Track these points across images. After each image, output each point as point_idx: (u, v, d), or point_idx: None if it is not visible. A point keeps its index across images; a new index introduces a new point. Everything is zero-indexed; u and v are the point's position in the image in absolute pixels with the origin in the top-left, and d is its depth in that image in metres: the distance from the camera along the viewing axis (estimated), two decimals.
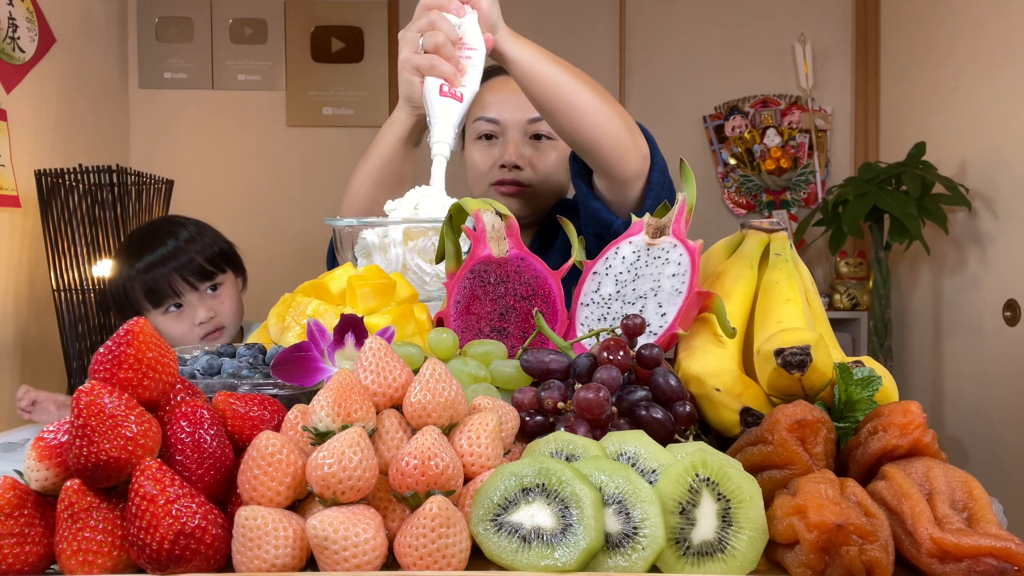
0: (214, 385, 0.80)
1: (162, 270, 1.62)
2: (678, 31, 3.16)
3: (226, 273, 1.70)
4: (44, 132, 2.27)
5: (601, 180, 1.25)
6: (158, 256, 1.63)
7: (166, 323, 1.64)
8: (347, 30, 3.12)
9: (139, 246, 1.67)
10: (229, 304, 1.69)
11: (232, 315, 1.69)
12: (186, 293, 1.64)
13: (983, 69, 2.38)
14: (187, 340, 1.62)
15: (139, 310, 1.65)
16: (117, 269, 1.68)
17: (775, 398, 0.75)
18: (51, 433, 0.62)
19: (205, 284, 1.66)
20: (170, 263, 1.63)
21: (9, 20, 2.10)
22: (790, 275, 0.87)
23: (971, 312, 2.46)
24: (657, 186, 1.24)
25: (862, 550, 0.56)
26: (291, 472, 0.60)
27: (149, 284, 1.62)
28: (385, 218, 1.06)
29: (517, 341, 0.90)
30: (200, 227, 1.72)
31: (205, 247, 1.67)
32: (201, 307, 1.64)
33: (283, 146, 3.12)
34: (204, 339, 1.65)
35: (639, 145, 1.21)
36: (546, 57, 1.16)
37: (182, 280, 1.63)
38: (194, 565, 0.57)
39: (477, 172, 1.54)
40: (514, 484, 0.60)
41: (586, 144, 1.18)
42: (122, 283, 1.66)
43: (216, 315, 1.66)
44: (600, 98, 1.17)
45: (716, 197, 3.19)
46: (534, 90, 1.16)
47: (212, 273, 1.67)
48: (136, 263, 1.64)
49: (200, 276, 1.65)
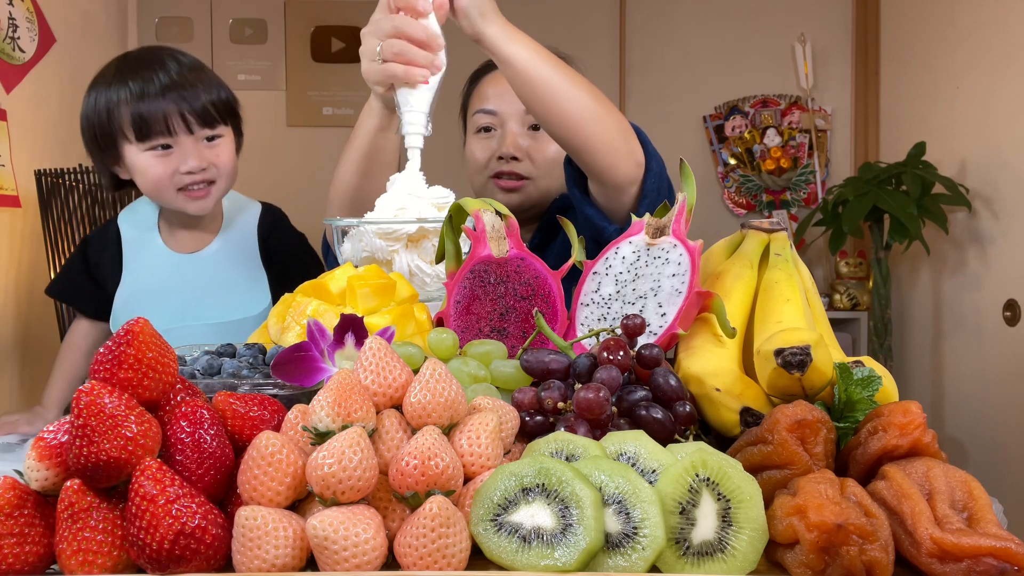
0: (214, 385, 0.80)
1: (160, 102, 1.37)
2: (678, 31, 3.16)
3: (227, 127, 1.46)
4: (44, 132, 2.27)
5: (594, 185, 1.24)
6: (158, 85, 1.37)
7: (147, 161, 1.39)
8: (347, 30, 3.12)
9: (135, 66, 1.41)
10: (226, 157, 1.44)
11: (227, 171, 1.45)
12: (179, 134, 1.38)
13: (983, 69, 2.38)
14: (163, 185, 1.40)
15: (117, 143, 1.40)
16: (102, 92, 1.41)
17: (775, 398, 0.75)
18: (51, 433, 0.62)
19: (204, 131, 1.41)
20: (169, 95, 1.37)
21: (9, 20, 2.10)
22: (790, 275, 0.87)
23: (971, 312, 2.46)
24: (652, 193, 1.21)
25: (862, 550, 0.56)
26: (291, 472, 0.60)
27: (142, 112, 1.36)
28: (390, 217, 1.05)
29: (517, 341, 0.90)
30: (205, 67, 1.47)
31: (211, 88, 1.43)
32: (193, 155, 1.39)
33: (283, 146, 3.12)
34: (186, 191, 1.42)
35: (633, 151, 1.18)
36: (541, 57, 1.12)
37: (180, 118, 1.38)
38: (194, 565, 0.57)
39: (476, 165, 1.54)
40: (514, 484, 0.60)
41: (579, 148, 1.16)
42: (107, 107, 1.39)
43: (208, 168, 1.41)
44: (595, 102, 1.14)
45: (716, 197, 3.19)
46: (527, 92, 1.13)
47: (214, 121, 1.42)
48: (129, 84, 1.38)
49: (201, 120, 1.40)
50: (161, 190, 1.42)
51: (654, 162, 1.22)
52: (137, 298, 1.49)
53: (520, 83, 1.12)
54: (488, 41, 1.10)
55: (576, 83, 1.14)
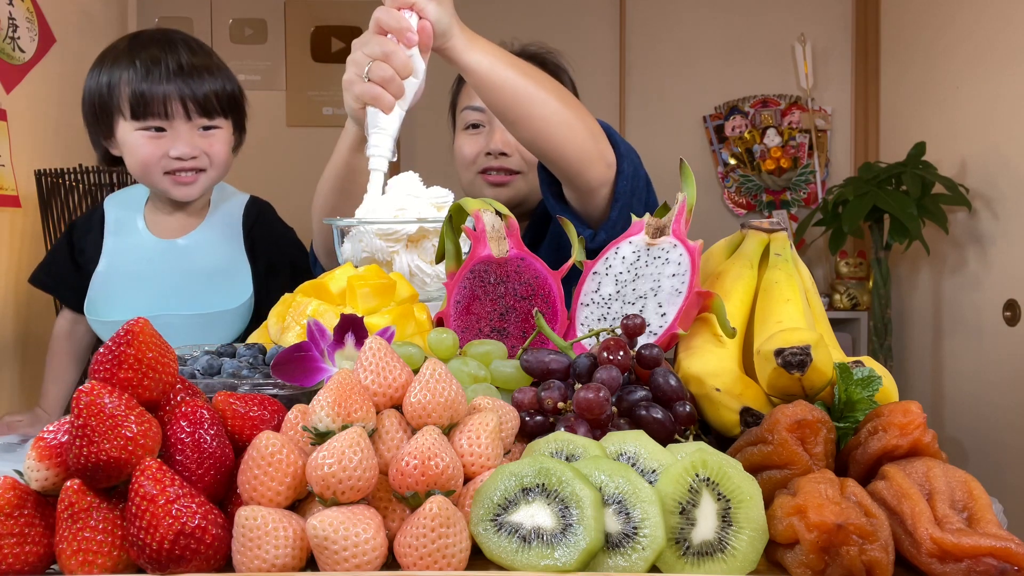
0: (214, 385, 0.80)
1: (163, 85, 1.36)
2: (678, 31, 3.16)
3: (226, 120, 1.45)
4: (44, 132, 2.27)
5: (567, 190, 1.22)
6: (164, 68, 1.37)
7: (137, 140, 1.38)
8: (347, 30, 3.12)
9: (146, 44, 1.40)
10: (220, 148, 1.42)
11: (219, 162, 1.43)
12: (176, 119, 1.37)
13: (983, 69, 2.38)
14: (151, 167, 1.39)
15: (113, 117, 1.39)
16: (108, 64, 1.40)
17: (775, 398, 0.75)
18: (51, 433, 0.62)
19: (201, 120, 1.40)
20: (175, 79, 1.37)
21: (9, 20, 2.10)
22: (790, 275, 0.87)
23: (971, 312, 2.46)
24: (625, 195, 1.19)
25: (862, 550, 0.56)
26: (291, 472, 0.60)
27: (143, 92, 1.35)
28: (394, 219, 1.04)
29: (517, 341, 0.90)
30: (216, 56, 1.46)
31: (218, 79, 1.42)
32: (185, 141, 1.38)
33: (283, 146, 3.12)
34: (174, 175, 1.40)
35: (604, 153, 1.16)
36: (505, 63, 1.09)
37: (179, 103, 1.37)
38: (194, 565, 0.57)
39: (465, 161, 1.54)
40: (514, 484, 0.60)
41: (548, 153, 1.13)
42: (108, 81, 1.38)
43: (200, 156, 1.40)
44: (563, 105, 1.11)
45: (716, 197, 3.19)
46: (492, 99, 1.10)
47: (213, 111, 1.41)
48: (137, 62, 1.37)
49: (200, 108, 1.39)
50: (148, 171, 1.40)
51: (626, 163, 1.19)
52: (113, 283, 1.45)
53: (484, 90, 1.10)
54: (449, 51, 1.08)
55: (542, 87, 1.11)
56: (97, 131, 1.44)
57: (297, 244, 1.57)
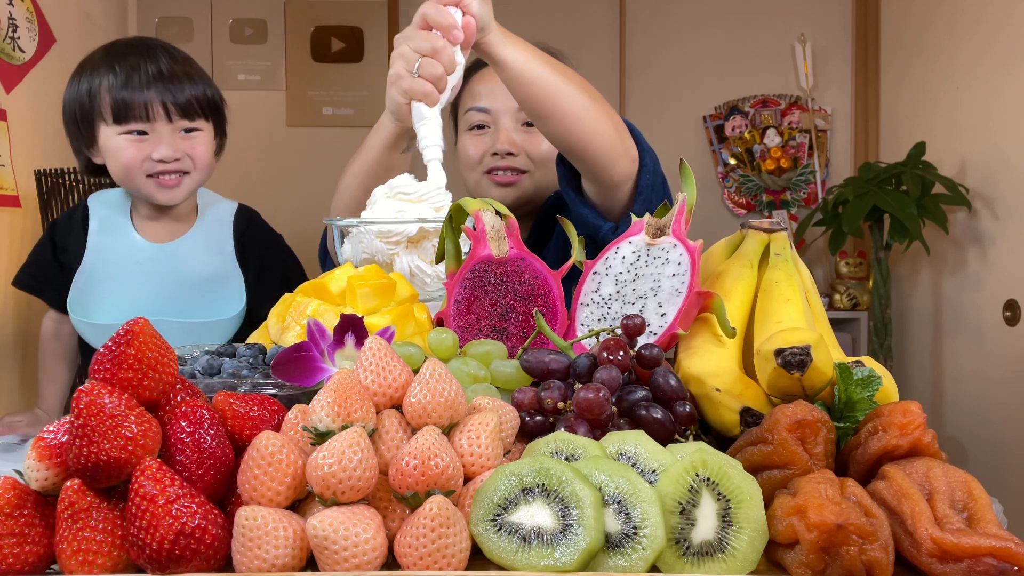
0: (214, 385, 0.80)
1: (144, 92, 1.37)
2: (678, 31, 3.16)
3: (208, 123, 1.45)
4: (44, 132, 2.27)
5: (589, 184, 1.24)
6: (144, 74, 1.38)
7: (119, 144, 1.38)
8: (347, 30, 3.12)
9: (125, 52, 1.42)
10: (202, 151, 1.43)
11: (202, 164, 1.43)
12: (157, 121, 1.38)
13: (983, 69, 2.38)
14: (134, 170, 1.39)
15: (94, 124, 1.40)
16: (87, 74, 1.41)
17: (775, 398, 0.75)
18: (51, 433, 0.62)
19: (182, 122, 1.41)
20: (155, 86, 1.38)
21: (9, 20, 2.10)
22: (790, 275, 0.87)
23: (971, 312, 2.46)
24: (647, 189, 1.21)
25: (862, 550, 0.56)
26: (291, 472, 0.60)
27: (124, 98, 1.37)
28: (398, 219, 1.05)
29: (517, 341, 0.90)
30: (195, 63, 1.48)
31: (198, 84, 1.43)
32: (168, 143, 1.38)
33: (283, 146, 3.12)
34: (156, 179, 1.40)
35: (628, 148, 1.19)
36: (537, 59, 1.13)
37: (160, 106, 1.38)
38: (194, 565, 0.57)
39: (470, 161, 1.53)
40: (514, 484, 0.60)
41: (576, 148, 1.16)
42: (89, 90, 1.39)
43: (183, 158, 1.40)
44: (591, 101, 1.14)
45: (716, 197, 3.19)
46: (524, 94, 1.13)
47: (194, 114, 1.42)
48: (116, 69, 1.38)
49: (181, 111, 1.40)
50: (131, 175, 1.39)
51: (648, 158, 1.22)
52: (98, 283, 1.43)
53: (516, 85, 1.13)
54: (484, 45, 1.11)
55: (572, 82, 1.14)
56: (79, 139, 1.44)
57: (287, 251, 1.57)
